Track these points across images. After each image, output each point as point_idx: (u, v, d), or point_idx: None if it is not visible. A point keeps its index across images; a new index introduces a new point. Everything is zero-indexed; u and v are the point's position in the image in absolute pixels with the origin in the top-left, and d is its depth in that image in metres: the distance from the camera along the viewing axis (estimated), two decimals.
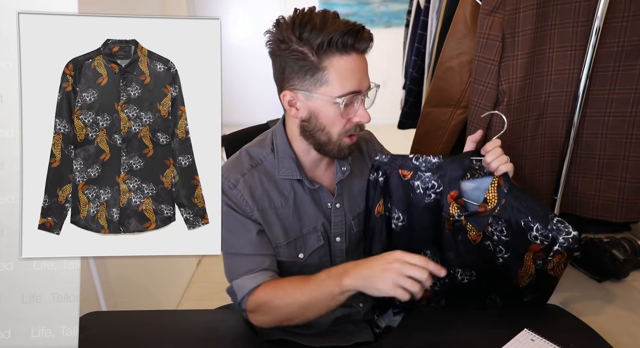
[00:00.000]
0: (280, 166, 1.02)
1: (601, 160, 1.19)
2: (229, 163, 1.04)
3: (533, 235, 0.98)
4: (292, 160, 1.02)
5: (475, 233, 1.04)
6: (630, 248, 1.57)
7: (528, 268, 1.04)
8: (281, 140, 1.03)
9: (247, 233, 1.00)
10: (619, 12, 1.07)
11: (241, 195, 1.00)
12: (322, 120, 0.95)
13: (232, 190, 1.00)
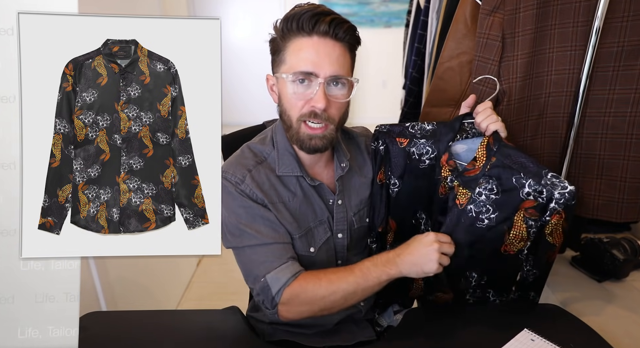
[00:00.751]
0: (280, 163, 1.02)
1: (601, 160, 1.19)
2: (233, 159, 1.04)
3: (525, 192, 0.95)
4: (291, 157, 1.03)
5: (465, 198, 1.02)
6: (630, 248, 1.57)
7: (519, 230, 0.99)
8: (281, 137, 1.04)
9: (266, 220, 0.98)
10: (619, 12, 1.07)
11: (250, 188, 0.99)
12: (283, 100, 1.00)
13: (241, 184, 0.99)
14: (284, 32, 0.95)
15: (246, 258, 0.98)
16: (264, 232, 0.97)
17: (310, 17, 0.91)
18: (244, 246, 0.97)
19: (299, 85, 0.96)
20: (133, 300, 1.81)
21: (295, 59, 0.95)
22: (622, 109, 1.14)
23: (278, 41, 0.97)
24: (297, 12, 0.93)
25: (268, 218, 0.98)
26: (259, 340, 1.04)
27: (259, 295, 0.97)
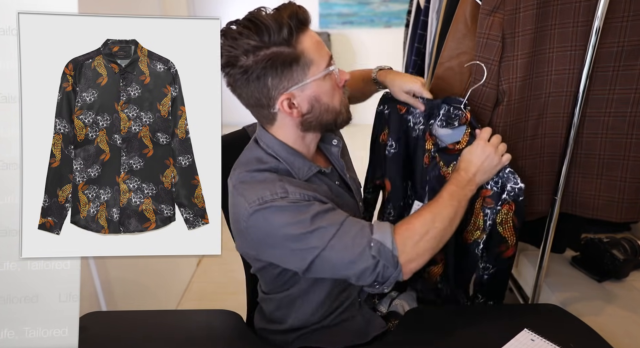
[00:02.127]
0: (296, 169, 0.96)
1: (601, 160, 1.19)
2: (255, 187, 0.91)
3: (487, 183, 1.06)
4: (299, 157, 0.98)
5: (445, 170, 1.12)
6: (630, 248, 1.57)
7: (477, 218, 1.09)
8: (279, 146, 0.97)
9: (328, 207, 0.90)
10: (619, 12, 1.06)
11: (298, 193, 0.89)
12: (324, 100, 0.93)
13: (288, 196, 0.88)
14: (290, 37, 0.86)
15: (338, 251, 0.86)
16: (334, 217, 0.89)
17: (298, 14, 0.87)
18: (329, 240, 0.85)
19: (334, 74, 0.93)
20: (133, 300, 1.81)
21: (317, 54, 0.90)
22: (622, 109, 1.14)
23: (287, 51, 0.87)
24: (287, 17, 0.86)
25: (329, 207, 0.90)
26: (259, 340, 1.04)
27: (377, 267, 0.86)
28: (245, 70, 0.87)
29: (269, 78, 0.88)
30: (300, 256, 0.88)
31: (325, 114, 0.95)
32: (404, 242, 0.88)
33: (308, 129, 0.97)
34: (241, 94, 0.93)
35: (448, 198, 0.96)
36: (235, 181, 0.95)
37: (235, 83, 0.91)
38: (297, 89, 0.90)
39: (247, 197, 0.89)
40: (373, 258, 0.86)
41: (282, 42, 0.86)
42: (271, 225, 0.87)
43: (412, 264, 0.89)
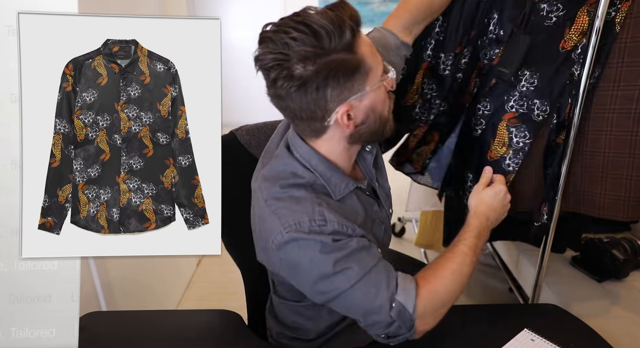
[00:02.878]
0: (333, 186, 0.89)
1: (606, 157, 1.19)
2: (292, 207, 0.83)
3: (510, 105, 1.12)
4: (338, 173, 0.90)
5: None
6: (630, 248, 1.57)
7: (502, 137, 1.16)
8: (318, 161, 0.88)
9: (364, 248, 0.84)
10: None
11: (337, 222, 0.82)
12: (378, 109, 0.85)
13: (326, 225, 0.82)
14: (353, 42, 0.77)
15: (358, 296, 0.81)
16: (366, 259, 0.83)
17: (352, 13, 0.78)
18: (354, 283, 0.81)
19: (390, 81, 0.85)
20: (133, 300, 1.81)
21: (374, 60, 0.81)
22: (626, 105, 1.14)
23: (349, 57, 0.77)
24: (347, 19, 0.76)
25: (364, 245, 0.84)
26: (259, 340, 1.04)
27: (391, 325, 0.82)
28: (304, 81, 0.76)
29: (329, 89, 0.77)
30: (320, 292, 0.84)
31: (377, 123, 0.86)
32: (425, 307, 0.83)
33: (356, 140, 0.88)
34: (289, 106, 0.81)
35: (471, 254, 0.91)
36: (267, 196, 0.86)
37: (286, 95, 0.78)
38: (356, 98, 0.81)
39: (283, 219, 0.82)
40: (390, 318, 0.82)
41: (343, 47, 0.75)
42: (302, 258, 0.82)
43: (425, 327, 0.86)
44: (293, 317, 1.04)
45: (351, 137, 0.87)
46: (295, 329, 1.06)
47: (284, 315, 1.06)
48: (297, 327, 1.05)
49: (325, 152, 0.89)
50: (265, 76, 0.79)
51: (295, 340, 1.06)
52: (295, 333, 1.06)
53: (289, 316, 1.05)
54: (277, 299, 1.06)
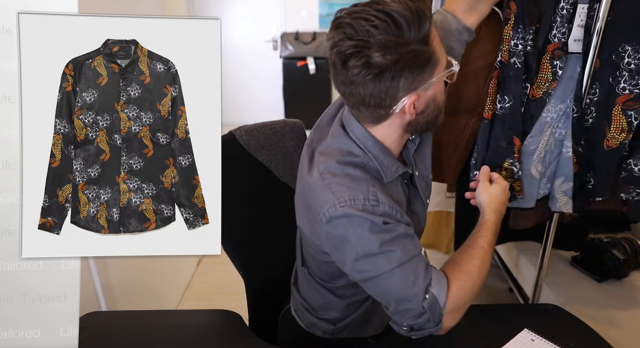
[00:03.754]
0: (385, 169, 0.90)
1: None
2: (348, 184, 0.85)
3: (621, 87, 1.07)
4: (389, 157, 0.91)
5: None
6: (630, 248, 1.57)
7: (619, 123, 1.10)
8: (373, 144, 0.90)
9: (409, 236, 0.86)
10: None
11: (388, 205, 0.84)
12: (438, 99, 0.88)
13: (378, 206, 0.83)
14: (429, 34, 0.78)
15: (397, 280, 0.83)
16: (409, 246, 0.85)
17: (426, 4, 0.79)
18: (395, 266, 0.82)
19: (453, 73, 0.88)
20: (133, 300, 1.81)
21: (441, 51, 0.83)
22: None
23: (425, 49, 0.79)
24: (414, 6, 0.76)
25: (409, 233, 0.86)
26: (259, 340, 1.04)
27: (421, 316, 0.84)
28: (382, 70, 0.77)
29: (402, 78, 0.79)
30: (360, 270, 0.85)
31: (434, 113, 0.89)
32: (455, 303, 0.85)
33: (413, 129, 0.90)
34: (359, 93, 0.82)
35: (490, 250, 0.93)
36: (323, 169, 0.88)
37: (361, 81, 0.79)
38: (423, 89, 0.83)
39: (338, 193, 0.83)
40: (422, 309, 0.83)
41: (421, 39, 0.76)
42: (351, 234, 0.83)
43: (452, 323, 0.87)
44: (315, 295, 1.06)
45: (409, 125, 0.89)
46: (317, 309, 1.07)
47: (306, 290, 1.08)
48: (318, 306, 1.06)
49: (380, 137, 0.90)
50: (340, 62, 0.79)
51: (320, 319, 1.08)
52: (319, 313, 1.07)
53: (311, 294, 1.07)
54: (303, 270, 1.07)
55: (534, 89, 1.14)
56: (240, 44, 4.80)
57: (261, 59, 4.81)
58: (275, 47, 4.74)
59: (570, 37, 1.09)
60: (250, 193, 1.16)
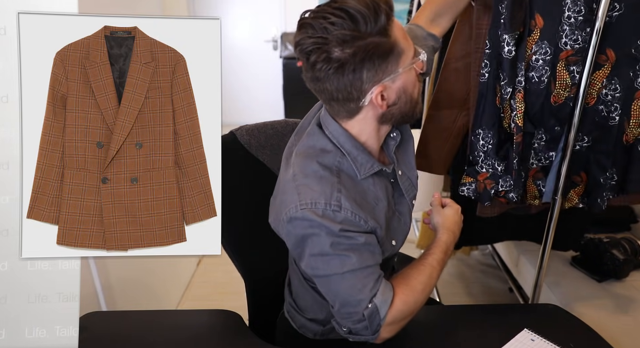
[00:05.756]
0: (358, 165, 0.92)
1: None
2: (313, 187, 0.87)
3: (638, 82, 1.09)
4: (364, 153, 0.92)
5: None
6: (630, 248, 1.57)
7: (637, 118, 1.12)
8: (346, 139, 0.92)
9: (369, 246, 0.88)
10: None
11: (350, 211, 0.86)
12: (409, 90, 0.89)
13: (340, 212, 0.85)
14: (387, 26, 0.81)
15: (346, 284, 0.86)
16: (366, 256, 0.88)
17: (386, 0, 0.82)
18: (347, 271, 0.85)
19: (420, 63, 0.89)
20: (133, 300, 1.81)
21: (406, 42, 0.85)
22: None
23: (383, 41, 0.81)
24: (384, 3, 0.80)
25: (370, 243, 0.89)
26: (259, 340, 1.04)
27: (360, 322, 0.87)
28: (342, 64, 0.80)
29: (364, 71, 0.82)
30: (314, 266, 0.88)
31: (408, 104, 0.91)
32: (395, 316, 0.88)
33: (387, 121, 0.92)
34: (326, 88, 0.85)
35: (438, 268, 0.95)
36: (297, 170, 0.90)
37: (324, 77, 0.82)
38: (390, 79, 0.85)
39: (302, 195, 0.86)
40: (362, 316, 0.86)
41: (378, 31, 0.79)
42: (309, 234, 0.86)
43: (389, 335, 0.90)
44: (304, 295, 1.06)
45: (383, 117, 0.90)
46: (306, 310, 1.08)
47: (297, 291, 1.09)
48: (307, 308, 1.08)
49: (356, 132, 0.92)
50: (305, 60, 0.83)
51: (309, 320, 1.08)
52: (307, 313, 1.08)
53: (301, 294, 1.08)
54: (295, 276, 1.08)
55: (554, 96, 1.15)
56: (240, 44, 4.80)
57: (261, 59, 4.81)
58: (275, 47, 4.74)
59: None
60: (251, 193, 1.16)
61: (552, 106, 1.16)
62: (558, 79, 1.13)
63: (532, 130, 1.20)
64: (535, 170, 1.25)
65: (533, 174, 1.26)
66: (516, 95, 1.14)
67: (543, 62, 1.12)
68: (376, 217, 0.92)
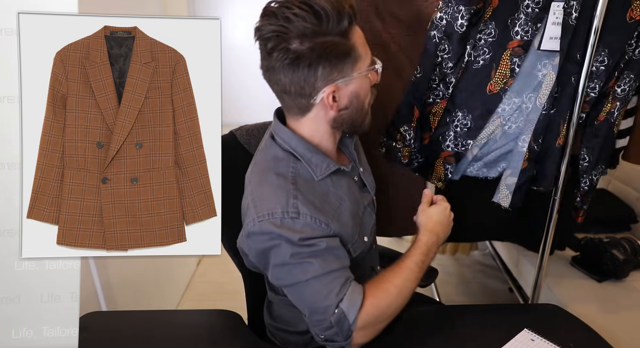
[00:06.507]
0: (314, 167, 0.91)
1: None
2: (268, 197, 0.87)
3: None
4: (319, 155, 0.92)
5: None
6: (630, 248, 1.57)
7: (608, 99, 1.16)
8: (297, 142, 0.92)
9: (333, 250, 0.87)
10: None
11: (310, 216, 0.85)
12: (361, 97, 0.89)
13: (298, 218, 0.84)
14: (349, 29, 0.82)
15: (310, 291, 0.85)
16: (330, 260, 0.86)
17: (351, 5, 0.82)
18: (310, 278, 0.84)
19: (374, 73, 0.90)
20: (133, 300, 1.81)
21: (364, 49, 0.86)
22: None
23: (343, 42, 0.82)
24: (337, 3, 0.80)
25: (333, 246, 0.87)
26: (259, 340, 1.04)
27: (329, 329, 0.86)
28: (298, 56, 0.80)
29: (320, 68, 0.82)
30: (278, 276, 0.88)
31: (358, 112, 0.91)
32: (366, 320, 0.86)
33: (339, 126, 0.92)
34: (280, 80, 0.85)
35: (416, 270, 0.93)
36: (252, 187, 0.91)
37: (280, 68, 0.83)
38: (343, 82, 0.86)
39: (258, 208, 0.86)
40: (330, 323, 0.85)
41: (339, 32, 0.80)
42: (269, 246, 0.86)
43: (363, 340, 0.88)
44: (285, 311, 1.06)
45: (334, 122, 0.91)
46: (287, 322, 1.07)
47: (278, 309, 1.08)
48: (289, 320, 1.06)
49: (308, 132, 0.92)
50: (262, 47, 0.84)
51: (290, 333, 1.08)
52: (288, 326, 1.07)
53: (282, 310, 1.07)
54: (271, 294, 1.08)
55: (491, 84, 1.16)
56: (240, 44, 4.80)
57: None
58: None
59: (545, 34, 1.09)
60: None
61: (485, 94, 1.17)
62: (500, 67, 1.14)
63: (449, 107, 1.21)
64: (449, 154, 1.26)
65: (445, 156, 1.27)
66: (459, 72, 1.15)
67: (484, 42, 1.12)
68: (340, 217, 0.91)
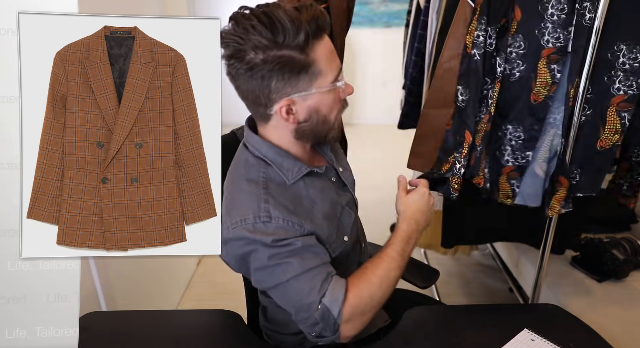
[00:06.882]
0: (286, 171, 0.93)
1: None
2: (239, 204, 0.89)
3: (616, 88, 1.09)
4: (289, 158, 0.93)
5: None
6: (630, 248, 1.57)
7: (612, 124, 1.12)
8: (267, 148, 0.93)
9: (308, 247, 0.88)
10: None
11: (282, 219, 0.87)
12: (323, 112, 0.90)
13: (271, 222, 0.86)
14: (306, 44, 0.81)
15: (292, 291, 0.86)
16: (308, 258, 0.87)
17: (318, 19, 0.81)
18: (290, 278, 0.85)
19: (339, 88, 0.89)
20: (133, 300, 1.81)
21: (327, 65, 0.85)
22: None
23: (299, 57, 0.82)
24: (296, 16, 0.80)
25: (310, 244, 0.88)
26: (258, 340, 1.04)
27: (316, 325, 0.86)
28: (251, 67, 0.82)
29: (274, 81, 0.83)
30: (260, 280, 0.90)
31: (321, 125, 0.91)
32: (351, 312, 0.86)
33: (301, 137, 0.93)
34: (239, 87, 0.88)
35: (398, 258, 0.93)
36: (226, 191, 0.94)
37: (237, 75, 0.85)
38: (299, 96, 0.86)
39: (231, 214, 0.88)
40: (315, 319, 0.86)
41: (295, 46, 0.81)
42: (246, 251, 0.87)
43: (351, 332, 0.88)
44: (277, 314, 1.06)
45: (296, 133, 0.92)
46: (280, 325, 1.08)
47: (271, 312, 1.09)
48: (281, 323, 1.07)
49: (275, 139, 0.94)
50: (224, 53, 0.86)
51: (285, 335, 1.08)
52: (282, 328, 1.08)
53: (274, 313, 1.08)
54: (262, 297, 1.09)
55: (534, 94, 1.15)
56: None
57: None
58: None
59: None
60: None
61: (531, 104, 1.16)
62: (539, 77, 1.13)
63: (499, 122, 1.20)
64: (511, 169, 1.24)
65: (508, 172, 1.25)
66: (495, 84, 1.15)
67: (516, 55, 1.13)
68: (313, 219, 0.92)
